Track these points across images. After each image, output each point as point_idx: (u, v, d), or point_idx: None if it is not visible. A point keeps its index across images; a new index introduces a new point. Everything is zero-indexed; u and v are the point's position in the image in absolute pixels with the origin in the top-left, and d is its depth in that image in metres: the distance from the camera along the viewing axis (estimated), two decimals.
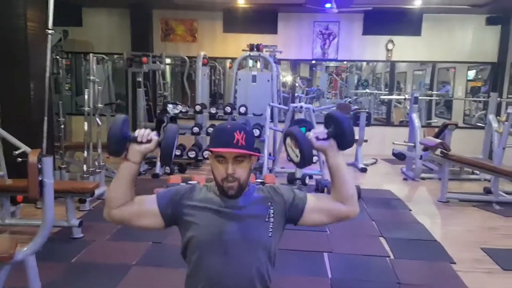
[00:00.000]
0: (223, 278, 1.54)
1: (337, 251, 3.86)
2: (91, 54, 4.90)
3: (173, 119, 6.51)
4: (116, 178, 1.60)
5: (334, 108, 7.90)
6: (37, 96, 4.68)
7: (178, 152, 1.44)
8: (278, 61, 7.73)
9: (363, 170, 7.29)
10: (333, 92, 14.31)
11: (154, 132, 1.59)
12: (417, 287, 3.25)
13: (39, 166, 2.52)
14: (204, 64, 7.02)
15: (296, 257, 3.71)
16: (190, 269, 1.61)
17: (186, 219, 1.60)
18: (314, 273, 3.45)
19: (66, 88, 9.08)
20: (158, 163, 6.23)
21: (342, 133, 1.63)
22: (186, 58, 7.81)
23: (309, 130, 5.37)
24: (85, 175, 4.83)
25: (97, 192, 4.69)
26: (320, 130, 1.63)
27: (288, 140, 1.70)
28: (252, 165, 1.62)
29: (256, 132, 6.20)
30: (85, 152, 4.84)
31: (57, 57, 7.40)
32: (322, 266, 3.56)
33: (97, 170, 5.03)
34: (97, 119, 4.99)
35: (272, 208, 1.61)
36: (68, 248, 3.75)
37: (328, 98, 13.67)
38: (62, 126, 4.99)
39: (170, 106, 6.25)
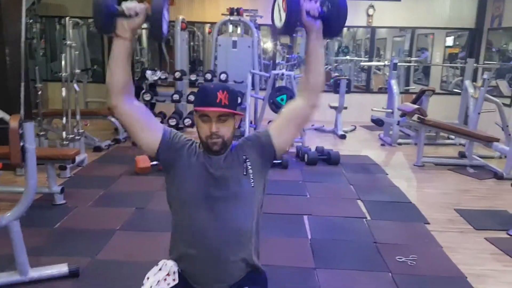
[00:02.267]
0: (207, 230, 1.60)
1: (316, 214, 3.97)
2: (67, 18, 4.77)
3: (152, 86, 6.45)
4: (110, 60, 1.57)
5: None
6: (12, 62, 4.57)
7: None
8: (258, 27, 7.64)
9: (342, 136, 7.40)
10: None
11: (142, 4, 1.54)
12: (392, 245, 3.39)
13: (20, 132, 2.50)
14: (182, 29, 6.90)
15: (276, 220, 3.81)
16: (176, 221, 1.67)
17: (178, 170, 1.64)
18: (294, 235, 3.56)
19: (41, 54, 8.83)
20: None
21: (334, 15, 1.57)
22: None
23: (290, 98, 5.37)
24: (64, 142, 4.79)
25: (77, 158, 4.67)
26: (313, 4, 1.55)
27: (280, 0, 1.62)
28: (236, 124, 1.66)
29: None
30: (64, 119, 4.78)
31: (31, 21, 7.16)
32: (302, 228, 3.67)
33: (76, 137, 4.99)
34: (75, 85, 4.91)
35: (248, 160, 1.66)
36: (50, 214, 3.77)
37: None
38: (40, 92, 4.89)
39: (148, 72, 6.17)
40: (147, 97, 6.10)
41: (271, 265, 2.99)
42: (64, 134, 4.79)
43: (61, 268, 2.76)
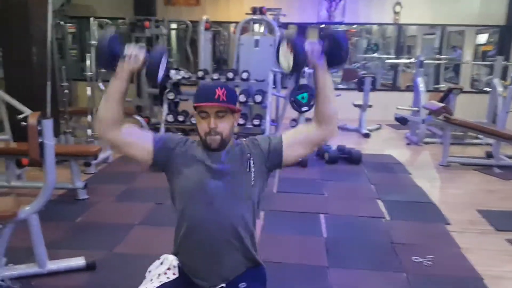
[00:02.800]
0: (206, 224, 1.63)
1: (333, 213, 3.95)
2: (91, 18, 4.90)
3: (176, 85, 6.53)
4: (104, 96, 1.67)
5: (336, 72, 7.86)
6: (39, 61, 4.72)
7: (162, 73, 1.48)
8: (283, 25, 7.63)
9: (366, 135, 7.31)
10: None
11: (143, 50, 1.64)
12: (409, 246, 3.33)
13: (39, 128, 2.59)
14: (206, 29, 6.97)
15: (292, 218, 3.81)
16: (177, 216, 1.71)
17: (175, 167, 1.69)
18: (309, 233, 3.54)
19: (72, 54, 9.09)
20: (162, 129, 6.30)
21: (337, 48, 1.64)
22: (188, 22, 7.74)
23: (311, 96, 5.32)
24: (89, 140, 4.93)
25: (101, 155, 4.80)
26: (315, 45, 1.62)
27: (284, 44, 1.68)
28: (235, 121, 1.69)
29: (258, 98, 6.21)
30: (89, 117, 4.91)
31: (61, 22, 7.38)
32: (318, 227, 3.66)
33: None
34: (100, 84, 5.04)
35: (252, 159, 1.68)
36: (72, 209, 3.89)
37: None
38: (66, 91, 5.05)
39: (172, 72, 6.26)
40: (171, 96, 6.19)
41: (283, 262, 3.02)
42: (89, 131, 4.92)
43: (78, 261, 2.84)
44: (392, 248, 3.29)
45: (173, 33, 9.09)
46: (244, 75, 6.28)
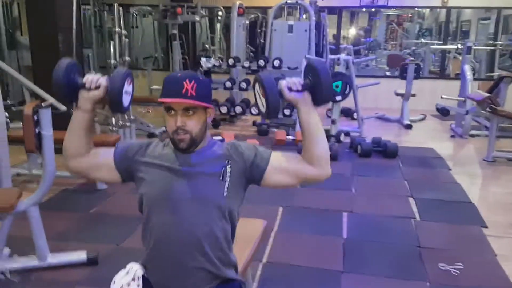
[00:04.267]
0: (170, 237, 1.46)
1: (357, 211, 3.68)
2: (115, 4, 4.83)
3: (207, 73, 6.40)
4: (69, 128, 1.55)
5: (374, 59, 7.44)
6: (65, 48, 4.72)
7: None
8: (323, 9, 7.30)
9: (408, 126, 6.87)
10: (392, 43, 13.50)
11: (105, 77, 1.51)
12: (437, 251, 3.02)
13: (36, 118, 2.51)
14: (240, 14, 6.77)
15: (311, 216, 3.58)
16: (143, 225, 1.55)
17: (138, 176, 1.53)
18: (328, 233, 3.30)
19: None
20: None
21: (317, 85, 1.46)
22: (221, 8, 7.56)
23: (346, 84, 5.03)
24: (114, 129, 4.89)
25: None
26: (294, 79, 1.48)
27: (257, 86, 1.54)
28: (208, 118, 1.50)
29: None
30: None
31: (97, 9, 7.43)
32: (338, 226, 3.41)
33: (127, 124, 5.07)
34: None
35: (229, 166, 1.49)
36: (88, 199, 3.85)
37: (385, 50, 12.92)
38: None
39: (203, 59, 6.13)
40: None
41: (293, 264, 2.82)
42: (113, 120, 4.88)
43: (80, 255, 2.77)
44: (418, 253, 3.00)
45: (208, 20, 8.92)
46: (276, 63, 6.04)
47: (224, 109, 5.78)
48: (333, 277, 2.71)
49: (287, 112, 6.03)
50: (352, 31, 12.43)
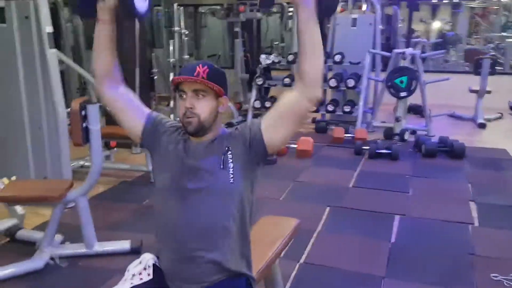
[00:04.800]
0: (177, 224, 1.47)
1: (410, 215, 3.48)
2: (175, 5, 4.97)
3: (267, 70, 6.40)
4: (94, 46, 1.55)
5: (442, 53, 7.00)
6: (129, 48, 4.92)
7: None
8: (395, 2, 7.00)
9: (482, 125, 6.38)
10: (475, 37, 12.64)
11: None
12: (492, 260, 2.78)
13: (83, 113, 2.65)
14: None
15: (361, 218, 3.44)
16: (155, 209, 1.58)
17: (155, 154, 1.57)
18: (376, 236, 3.16)
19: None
20: (249, 115, 6.23)
21: None
22: (285, 4, 7.51)
23: (411, 80, 4.82)
24: None
25: None
26: None
27: None
28: (220, 107, 1.49)
29: (351, 82, 5.78)
30: (172, 102, 5.03)
31: (167, 10, 7.69)
32: (388, 229, 3.24)
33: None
34: None
35: (229, 152, 1.47)
36: (143, 191, 4.00)
37: (468, 44, 12.12)
38: (155, 77, 5.23)
39: (262, 56, 6.13)
40: (259, 81, 6.08)
41: (333, 266, 2.74)
42: (172, 117, 5.04)
43: (124, 245, 2.89)
44: (470, 261, 2.78)
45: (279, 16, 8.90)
46: (337, 58, 5.89)
47: None
48: (372, 282, 2.59)
49: (347, 108, 5.88)
50: (434, 24, 11.80)
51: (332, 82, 5.90)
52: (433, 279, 2.60)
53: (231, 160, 1.46)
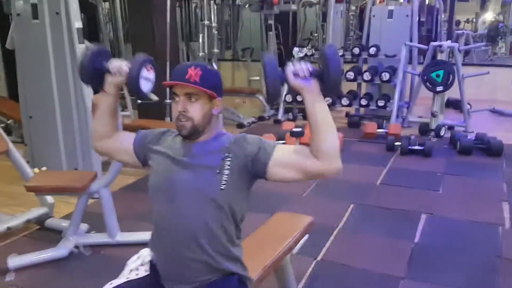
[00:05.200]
0: (167, 227, 1.48)
1: (439, 214, 3.36)
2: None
3: None
4: (95, 112, 1.65)
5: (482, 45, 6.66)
6: (160, 41, 4.99)
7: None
8: None
9: None
10: None
11: (126, 63, 1.57)
12: None
13: None
14: (337, 2, 6.55)
15: (386, 216, 3.36)
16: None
17: (149, 163, 1.58)
18: (399, 235, 3.07)
19: (219, 36, 9.50)
20: (281, 109, 6.19)
21: (325, 72, 1.36)
22: None
23: (449, 74, 4.62)
24: None
25: None
26: (303, 65, 1.38)
27: (262, 70, 1.48)
28: (214, 110, 1.48)
29: (386, 76, 5.63)
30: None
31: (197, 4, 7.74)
32: (412, 229, 3.14)
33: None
34: (214, 64, 5.15)
35: (229, 159, 1.45)
36: None
37: None
38: None
39: (295, 49, 6.07)
40: None
41: (348, 265, 2.70)
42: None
43: (146, 236, 2.92)
44: (496, 264, 2.66)
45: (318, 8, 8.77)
46: (372, 50, 5.76)
47: None
48: (389, 282, 2.52)
49: (381, 103, 5.73)
50: (486, 16, 11.33)
51: (366, 76, 5.77)
52: (454, 282, 2.50)
53: (227, 167, 1.44)
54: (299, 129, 4.66)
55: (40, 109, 3.76)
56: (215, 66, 5.20)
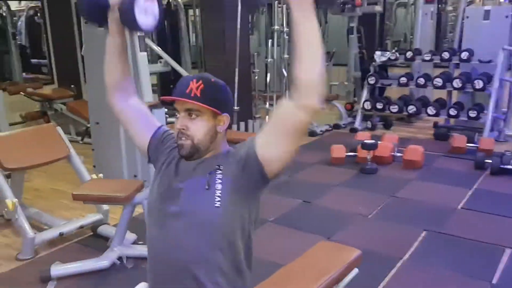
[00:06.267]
0: (157, 251, 1.32)
1: None
2: (276, 2, 4.79)
3: (383, 67, 5.88)
4: (105, 57, 1.50)
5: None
6: (231, 48, 4.91)
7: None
8: None
9: None
10: None
11: None
12: None
13: None
14: (428, 2, 5.99)
15: (461, 248, 2.90)
16: None
17: (155, 173, 1.42)
18: (474, 273, 2.60)
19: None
20: (358, 117, 5.78)
21: None
22: None
23: None
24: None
25: None
26: None
27: None
28: (219, 127, 1.29)
29: (479, 83, 4.98)
30: (267, 103, 4.89)
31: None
32: (492, 266, 2.66)
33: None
34: (284, 70, 4.93)
35: (219, 172, 1.26)
36: None
37: None
38: (256, 77, 5.16)
39: (377, 53, 5.65)
40: (372, 80, 5.60)
41: None
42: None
43: None
44: None
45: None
46: (464, 55, 5.15)
47: (394, 108, 5.20)
48: None
49: (473, 113, 5.10)
50: None
51: (457, 83, 5.18)
52: None
53: (219, 181, 1.25)
54: (372, 141, 4.28)
55: (105, 116, 3.82)
56: (285, 73, 4.97)
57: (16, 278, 2.67)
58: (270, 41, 4.85)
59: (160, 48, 5.08)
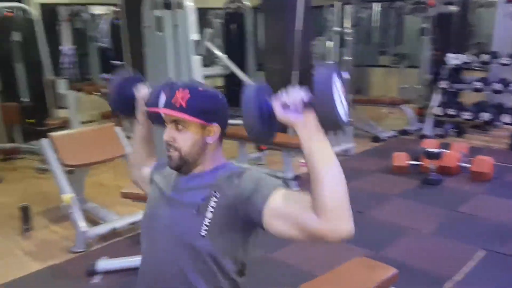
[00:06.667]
0: (144, 273, 1.30)
1: None
2: (338, 4, 4.65)
3: (456, 71, 5.50)
4: (132, 141, 1.61)
5: None
6: (291, 50, 4.83)
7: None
8: None
9: None
10: None
11: (146, 87, 1.47)
12: None
13: None
14: (508, 2, 5.49)
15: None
16: None
17: (152, 186, 1.43)
18: None
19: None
20: (428, 123, 5.45)
21: (314, 102, 1.01)
22: None
23: None
24: None
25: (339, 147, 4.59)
26: (295, 94, 1.04)
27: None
28: (210, 138, 1.22)
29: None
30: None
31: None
32: None
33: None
34: (345, 72, 4.77)
35: (214, 199, 1.18)
36: None
37: None
38: None
39: (450, 56, 5.29)
40: (443, 84, 5.26)
41: None
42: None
43: None
44: None
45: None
46: (506, 60, 4.67)
47: (467, 115, 4.83)
48: None
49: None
50: None
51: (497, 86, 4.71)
52: None
53: (211, 209, 1.17)
54: (435, 150, 4.02)
55: None
56: (346, 76, 4.81)
57: (67, 270, 2.82)
58: (327, 42, 4.71)
59: (221, 53, 5.14)
